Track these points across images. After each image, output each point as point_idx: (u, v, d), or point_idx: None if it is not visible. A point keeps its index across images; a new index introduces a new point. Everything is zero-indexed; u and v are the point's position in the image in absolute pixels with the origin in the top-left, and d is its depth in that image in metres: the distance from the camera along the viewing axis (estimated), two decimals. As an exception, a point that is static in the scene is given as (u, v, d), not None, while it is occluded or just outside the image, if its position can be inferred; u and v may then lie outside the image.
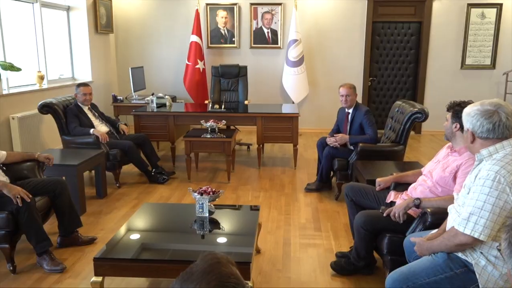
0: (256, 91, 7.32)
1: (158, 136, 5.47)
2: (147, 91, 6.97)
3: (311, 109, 7.58)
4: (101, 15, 6.96)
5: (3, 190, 2.83)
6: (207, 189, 2.99)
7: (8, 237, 2.85)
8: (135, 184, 4.80)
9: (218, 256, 0.96)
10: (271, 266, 3.01)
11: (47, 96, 5.15)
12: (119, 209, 4.07)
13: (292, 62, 7.05)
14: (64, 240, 3.27)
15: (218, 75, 6.56)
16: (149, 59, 7.67)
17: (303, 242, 3.39)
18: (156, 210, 3.30)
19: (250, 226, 2.91)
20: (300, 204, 4.21)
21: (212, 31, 7.50)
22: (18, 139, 4.89)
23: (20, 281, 2.81)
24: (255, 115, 5.33)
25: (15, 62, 4.98)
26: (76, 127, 4.58)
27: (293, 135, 5.27)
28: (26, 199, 2.84)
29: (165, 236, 2.84)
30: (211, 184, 4.73)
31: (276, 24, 7.39)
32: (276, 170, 5.37)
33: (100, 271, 2.43)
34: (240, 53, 7.53)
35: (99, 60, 7.01)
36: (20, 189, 2.86)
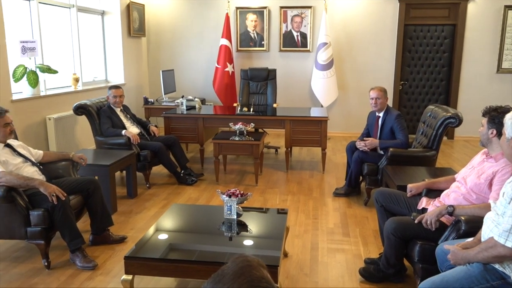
0: (284, 95, 7.32)
1: (187, 138, 5.54)
2: (177, 93, 7.07)
3: (340, 113, 7.50)
4: (134, 19, 7.12)
5: (40, 188, 2.93)
6: (236, 192, 3.00)
7: (43, 233, 2.95)
8: (164, 185, 4.88)
9: (249, 259, 0.96)
10: (298, 270, 3.00)
11: (81, 98, 5.31)
12: (148, 209, 4.14)
13: (321, 66, 7.00)
14: (96, 238, 3.35)
15: (247, 78, 6.59)
16: (179, 62, 7.79)
17: (331, 247, 3.36)
18: (184, 211, 3.35)
19: (278, 229, 2.91)
20: (328, 209, 4.17)
21: (241, 34, 7.55)
22: (53, 139, 5.06)
23: (54, 276, 2.90)
24: (283, 118, 5.32)
25: (52, 65, 5.16)
26: (109, 128, 4.70)
27: (321, 138, 5.23)
28: (61, 197, 2.93)
29: (193, 237, 2.87)
30: (239, 186, 4.75)
31: (306, 27, 7.37)
32: (304, 173, 5.34)
33: (130, 269, 2.48)
34: (269, 56, 7.55)
35: (131, 63, 7.18)
36: (55, 188, 2.96)
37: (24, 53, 4.71)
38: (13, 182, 2.89)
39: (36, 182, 2.97)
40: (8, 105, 4.33)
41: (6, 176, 2.88)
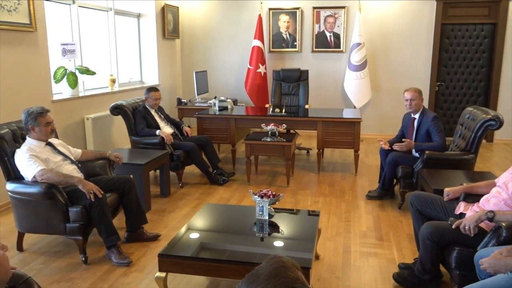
0: (317, 96, 7.27)
1: (219, 138, 5.59)
2: (209, 94, 7.15)
3: (373, 114, 7.38)
4: (169, 22, 7.26)
5: (79, 186, 3.04)
6: (268, 192, 3.00)
7: (81, 229, 3.05)
8: (196, 184, 4.94)
9: (284, 260, 0.96)
10: (330, 273, 2.97)
11: (117, 99, 5.46)
12: (181, 208, 4.21)
13: (354, 66, 6.91)
14: (130, 236, 3.43)
15: (279, 79, 6.58)
16: (212, 63, 7.87)
17: (363, 250, 3.30)
18: (217, 210, 3.38)
19: (309, 231, 2.89)
20: (361, 212, 4.11)
21: (274, 35, 7.55)
22: (91, 138, 5.22)
23: (91, 271, 2.99)
24: (315, 119, 5.28)
25: (90, 66, 5.34)
26: (144, 128, 4.81)
27: (354, 140, 5.16)
28: (98, 194, 3.02)
29: (225, 237, 2.89)
30: (270, 187, 4.75)
31: (339, 28, 7.29)
32: (336, 175, 5.28)
33: (164, 267, 2.53)
34: (301, 57, 7.52)
35: (165, 65, 7.31)
36: (93, 185, 3.05)
37: (65, 55, 4.89)
38: (53, 179, 3.00)
39: (75, 179, 3.07)
40: (49, 105, 4.50)
41: (47, 173, 3.00)
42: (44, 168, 3.02)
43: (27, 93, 4.34)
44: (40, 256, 3.21)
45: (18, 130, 3.33)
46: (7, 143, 3.17)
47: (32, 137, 3.16)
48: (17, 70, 4.22)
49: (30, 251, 3.30)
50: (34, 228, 3.20)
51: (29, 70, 4.37)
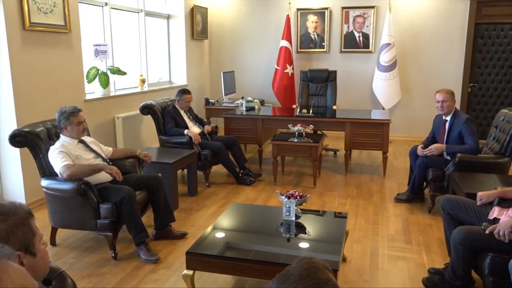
0: (344, 96, 7.19)
1: (246, 138, 5.61)
2: (237, 94, 7.19)
3: (403, 116, 7.24)
4: (197, 22, 7.34)
5: (105, 170, 3.18)
6: (295, 193, 3.00)
7: (111, 226, 3.12)
8: (223, 184, 4.97)
9: (315, 261, 0.95)
10: (357, 276, 2.93)
11: (147, 98, 5.56)
12: (208, 207, 4.25)
13: (384, 67, 6.80)
14: (158, 233, 3.49)
15: (307, 79, 6.55)
16: (240, 64, 7.91)
17: (392, 254, 3.25)
18: (243, 210, 3.39)
19: (337, 233, 2.86)
20: (389, 215, 4.04)
21: (302, 35, 7.52)
22: (121, 137, 5.34)
23: (120, 267, 3.06)
24: (343, 120, 5.23)
25: (121, 66, 5.45)
26: (172, 127, 4.88)
27: (383, 142, 5.09)
28: (118, 178, 3.17)
29: (251, 237, 2.90)
30: (297, 188, 4.73)
31: (368, 28, 7.20)
32: (364, 177, 5.22)
33: (191, 265, 2.56)
34: (329, 57, 7.46)
35: (193, 65, 7.40)
36: (116, 168, 3.20)
37: (97, 56, 5.02)
38: (78, 172, 3.06)
39: (99, 165, 3.19)
40: (82, 104, 4.63)
41: (71, 168, 3.04)
42: (68, 163, 3.06)
43: (62, 93, 4.47)
44: (72, 251, 3.30)
45: (52, 128, 3.44)
46: (42, 141, 3.28)
47: (65, 135, 3.25)
48: (53, 71, 4.36)
49: (62, 245, 3.40)
50: (66, 224, 3.29)
51: (64, 71, 4.51)
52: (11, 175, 4.10)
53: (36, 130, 3.29)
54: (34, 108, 4.12)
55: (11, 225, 1.17)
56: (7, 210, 1.20)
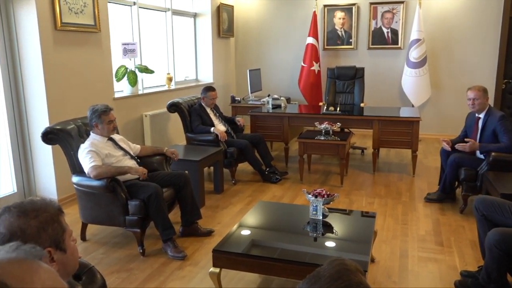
0: (372, 94, 7.06)
1: (272, 136, 5.58)
2: (263, 92, 7.17)
3: (433, 113, 7.06)
4: (224, 20, 7.35)
5: (130, 172, 3.21)
6: (322, 192, 2.96)
7: (139, 222, 3.16)
8: (249, 182, 4.97)
9: (347, 263, 0.93)
10: (386, 277, 2.87)
11: (174, 96, 5.60)
12: (234, 204, 4.25)
13: (413, 63, 6.64)
14: (185, 230, 3.51)
15: (334, 77, 6.46)
16: (265, 61, 7.88)
17: (422, 255, 3.16)
18: (270, 208, 3.38)
19: (365, 233, 2.81)
20: (419, 215, 3.93)
21: (328, 32, 7.43)
22: (149, 135, 5.41)
23: (148, 263, 3.10)
24: (371, 118, 5.13)
25: (149, 65, 5.52)
26: (199, 125, 4.91)
27: (412, 140, 4.96)
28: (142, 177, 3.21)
29: (278, 235, 2.88)
30: (323, 186, 4.66)
31: (397, 24, 7.04)
32: (392, 176, 5.11)
33: (218, 262, 2.56)
34: (357, 54, 7.34)
35: (220, 63, 7.42)
36: (142, 169, 3.24)
37: (125, 55, 5.10)
38: (106, 173, 3.10)
39: (125, 168, 3.21)
40: (111, 102, 4.71)
41: (98, 169, 3.09)
42: (96, 164, 3.10)
43: (91, 91, 4.56)
44: (102, 246, 3.37)
45: (83, 126, 3.51)
46: (73, 138, 3.36)
47: (95, 133, 3.31)
48: (83, 69, 4.45)
49: (92, 241, 3.47)
50: (96, 220, 3.36)
51: (94, 69, 4.60)
52: (43, 172, 4.22)
53: (67, 128, 3.37)
54: (65, 106, 4.22)
55: (42, 222, 1.19)
56: (38, 206, 1.21)
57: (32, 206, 1.20)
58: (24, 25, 3.93)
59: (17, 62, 4.02)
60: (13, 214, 1.17)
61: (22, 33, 3.96)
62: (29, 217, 1.17)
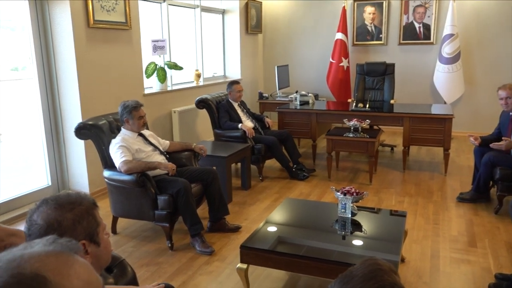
0: (403, 90, 6.91)
1: (300, 133, 5.55)
2: (291, 88, 7.13)
3: (466, 111, 6.84)
4: (252, 17, 7.35)
5: (160, 168, 3.25)
6: (351, 189, 2.92)
7: (168, 217, 3.20)
8: (276, 178, 4.95)
9: (380, 263, 0.90)
10: (416, 278, 2.80)
11: (202, 93, 5.64)
12: (261, 201, 4.25)
13: (446, 59, 6.46)
14: (213, 226, 3.54)
15: (363, 73, 6.36)
16: (294, 58, 7.83)
17: (454, 256, 3.07)
18: (297, 205, 3.36)
19: (395, 232, 2.75)
20: (451, 215, 3.83)
21: (358, 28, 7.31)
22: (177, 130, 5.47)
23: (176, 257, 3.14)
24: (402, 115, 5.02)
25: (178, 61, 5.58)
26: (227, 121, 4.93)
27: (444, 138, 4.83)
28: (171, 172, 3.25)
29: (306, 233, 2.86)
30: (352, 184, 4.60)
31: (429, 18, 6.85)
32: (423, 175, 4.99)
33: (245, 258, 2.56)
34: (387, 50, 7.19)
35: (248, 59, 7.42)
36: (171, 164, 3.28)
37: (155, 51, 5.16)
38: (136, 168, 3.16)
39: (155, 163, 3.26)
40: (141, 98, 4.78)
41: (128, 164, 3.15)
42: (127, 159, 3.17)
43: (122, 87, 4.65)
44: (131, 240, 3.43)
45: (114, 121, 3.58)
46: (104, 133, 3.43)
47: (126, 128, 3.37)
48: (114, 66, 4.54)
49: (122, 234, 3.54)
50: (126, 213, 3.42)
51: (124, 66, 4.68)
52: (76, 166, 4.33)
53: (99, 123, 3.44)
54: (96, 102, 4.31)
55: (77, 215, 1.21)
56: (74, 200, 1.24)
57: (68, 199, 1.23)
58: (58, 23, 4.04)
59: (52, 59, 4.13)
60: (50, 206, 1.20)
61: (56, 30, 4.07)
62: (65, 209, 1.20)
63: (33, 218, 1.19)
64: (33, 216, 1.19)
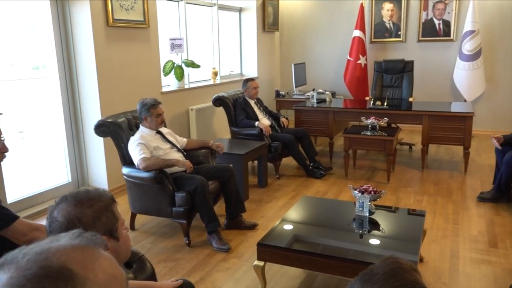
0: (422, 88, 6.82)
1: (317, 131, 5.52)
2: (307, 86, 7.09)
3: (487, 109, 6.71)
4: (269, 14, 7.33)
5: (178, 165, 3.29)
6: (368, 188, 2.90)
7: (186, 213, 3.23)
8: (293, 176, 4.94)
9: (401, 261, 0.89)
10: (435, 278, 2.77)
11: (219, 90, 5.66)
12: (278, 199, 4.25)
13: (466, 56, 6.34)
14: (229, 223, 3.55)
15: (381, 70, 6.29)
16: (310, 55, 7.79)
17: (474, 256, 3.02)
18: (314, 203, 3.35)
19: (414, 231, 2.72)
20: (471, 214, 3.76)
21: (376, 25, 7.23)
22: (194, 128, 5.51)
23: (193, 254, 3.16)
24: (421, 113, 4.95)
25: (195, 60, 5.61)
26: (243, 119, 4.93)
27: (465, 136, 4.74)
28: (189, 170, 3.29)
29: (323, 231, 2.85)
30: (369, 183, 4.54)
31: (449, 15, 6.73)
32: (442, 174, 4.91)
33: (262, 256, 2.56)
34: (405, 47, 7.10)
35: (264, 57, 7.42)
36: (188, 163, 3.31)
37: (173, 50, 5.20)
38: (154, 165, 3.19)
39: (172, 161, 3.29)
40: (159, 96, 4.83)
41: (147, 161, 3.18)
42: (145, 156, 3.20)
43: (140, 85, 4.69)
44: (150, 236, 3.47)
45: (132, 119, 3.62)
46: (123, 131, 3.47)
47: (145, 126, 3.41)
48: (132, 64, 4.59)
49: (141, 230, 3.59)
50: (144, 210, 3.46)
51: (142, 64, 4.73)
52: (95, 163, 4.40)
53: (118, 121, 3.49)
54: (115, 99, 4.37)
55: (96, 211, 1.23)
56: (92, 196, 1.25)
57: (87, 196, 1.25)
58: (78, 22, 4.10)
59: (72, 58, 4.20)
60: (70, 203, 1.21)
61: (77, 29, 4.13)
62: (84, 206, 1.22)
63: (53, 215, 1.20)
64: (53, 213, 1.20)
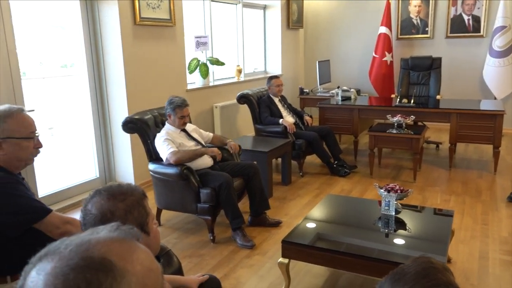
0: (450, 85, 6.66)
1: (341, 129, 5.47)
2: (332, 84, 7.04)
3: (518, 107, 6.51)
4: (293, 12, 7.30)
5: (207, 154, 3.40)
6: (395, 187, 2.86)
7: (211, 210, 3.26)
8: (317, 174, 4.92)
9: (433, 261, 0.88)
10: (463, 279, 2.71)
11: (243, 88, 5.68)
12: (302, 197, 4.24)
13: (497, 52, 6.16)
14: (254, 220, 3.57)
15: (408, 67, 6.18)
16: (335, 52, 7.72)
17: (504, 258, 2.95)
18: (339, 202, 3.32)
19: (441, 231, 2.67)
20: (501, 215, 3.67)
21: (403, 21, 7.10)
22: (219, 125, 5.54)
23: (218, 250, 3.19)
24: (449, 111, 4.84)
25: (219, 57, 5.64)
26: (267, 117, 4.94)
27: (495, 135, 4.62)
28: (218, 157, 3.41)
29: (349, 230, 2.83)
30: (395, 181, 4.51)
31: (479, 10, 6.55)
32: (471, 173, 4.80)
33: (286, 253, 2.57)
34: (433, 43, 6.95)
35: (288, 54, 7.39)
36: (216, 149, 3.43)
37: (198, 48, 5.24)
38: (184, 157, 3.26)
39: (202, 150, 3.39)
40: (184, 94, 4.88)
41: (177, 154, 3.25)
42: (174, 150, 3.27)
43: (166, 83, 4.76)
44: (175, 232, 3.52)
45: (158, 116, 3.68)
46: (149, 127, 3.53)
47: (169, 123, 3.46)
48: (159, 62, 4.65)
49: (166, 226, 3.64)
50: (170, 206, 3.51)
51: (168, 62, 4.79)
52: (122, 159, 4.49)
53: (145, 118, 3.55)
54: (142, 97, 4.44)
55: (129, 205, 1.26)
56: (125, 190, 1.28)
57: (120, 190, 1.28)
58: (107, 20, 4.18)
59: (101, 56, 4.29)
60: (103, 196, 1.25)
61: (105, 28, 4.22)
62: (117, 200, 1.25)
63: (87, 208, 1.24)
64: (88, 206, 1.24)
